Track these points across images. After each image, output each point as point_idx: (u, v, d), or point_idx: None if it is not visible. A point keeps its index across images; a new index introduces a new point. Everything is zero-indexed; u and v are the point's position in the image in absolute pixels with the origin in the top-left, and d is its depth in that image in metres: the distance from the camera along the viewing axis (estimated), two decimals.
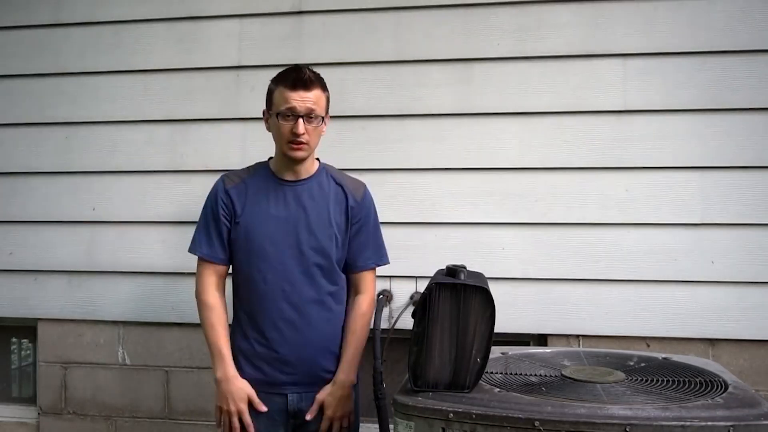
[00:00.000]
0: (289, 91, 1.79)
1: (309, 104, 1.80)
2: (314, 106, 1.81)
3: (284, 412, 1.88)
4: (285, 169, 1.90)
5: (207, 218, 1.93)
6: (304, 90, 1.79)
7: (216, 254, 1.91)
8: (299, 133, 1.79)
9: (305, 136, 1.81)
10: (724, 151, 2.32)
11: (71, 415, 2.68)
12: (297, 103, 1.79)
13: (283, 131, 1.81)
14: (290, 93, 1.79)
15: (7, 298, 2.70)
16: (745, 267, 2.30)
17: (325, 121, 1.89)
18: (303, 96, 1.79)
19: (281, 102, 1.81)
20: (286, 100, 1.80)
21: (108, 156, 2.65)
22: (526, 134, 2.42)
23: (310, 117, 1.81)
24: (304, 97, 1.79)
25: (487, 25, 2.44)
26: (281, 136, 1.83)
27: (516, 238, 2.42)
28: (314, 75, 1.84)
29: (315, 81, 1.83)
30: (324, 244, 1.89)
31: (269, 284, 1.87)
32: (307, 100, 1.80)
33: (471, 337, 1.52)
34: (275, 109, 1.83)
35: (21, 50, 2.70)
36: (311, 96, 1.80)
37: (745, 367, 2.30)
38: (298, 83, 1.79)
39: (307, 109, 1.80)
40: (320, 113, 1.84)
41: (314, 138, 1.86)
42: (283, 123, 1.81)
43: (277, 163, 1.92)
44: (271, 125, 1.88)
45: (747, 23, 2.31)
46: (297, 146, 1.82)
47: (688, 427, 1.32)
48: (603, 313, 2.37)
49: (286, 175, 1.91)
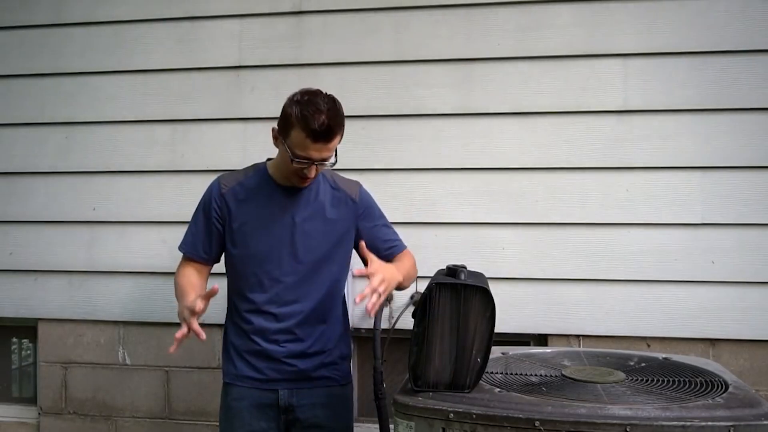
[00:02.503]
0: (310, 142, 1.72)
1: (325, 154, 1.76)
2: (330, 153, 1.78)
3: (275, 407, 1.88)
4: (284, 178, 1.90)
5: (197, 219, 1.93)
6: (324, 143, 1.73)
7: (198, 253, 1.92)
8: (310, 176, 1.79)
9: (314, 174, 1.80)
10: (724, 151, 2.32)
11: (71, 415, 2.68)
12: (315, 154, 1.74)
13: (294, 169, 1.79)
14: (310, 144, 1.72)
15: (7, 298, 2.70)
16: (745, 267, 2.30)
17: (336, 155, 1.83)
18: (322, 148, 1.74)
19: (298, 147, 1.74)
20: (303, 148, 1.73)
21: (108, 156, 2.65)
22: (526, 134, 2.42)
23: (323, 162, 1.78)
24: (323, 149, 1.74)
25: (487, 25, 2.44)
26: (289, 170, 1.81)
27: (516, 238, 2.42)
28: (336, 122, 1.74)
29: (336, 129, 1.75)
30: (320, 247, 1.88)
31: (265, 287, 1.87)
32: (325, 150, 1.75)
33: (471, 337, 1.52)
34: (290, 147, 1.75)
35: (21, 50, 2.70)
36: (330, 146, 1.76)
37: (745, 367, 2.30)
38: (320, 136, 1.71)
39: (323, 157, 1.76)
40: (332, 155, 1.80)
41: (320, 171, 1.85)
42: (297, 165, 1.77)
43: (276, 170, 1.90)
44: (280, 151, 1.83)
45: (747, 23, 2.31)
46: (304, 181, 1.83)
47: (689, 427, 1.32)
48: (603, 313, 2.37)
49: (284, 181, 1.91)
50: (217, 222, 1.90)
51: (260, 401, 1.87)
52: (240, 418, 1.87)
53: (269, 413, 1.88)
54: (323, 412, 1.89)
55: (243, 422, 1.87)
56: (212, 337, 2.55)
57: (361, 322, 2.43)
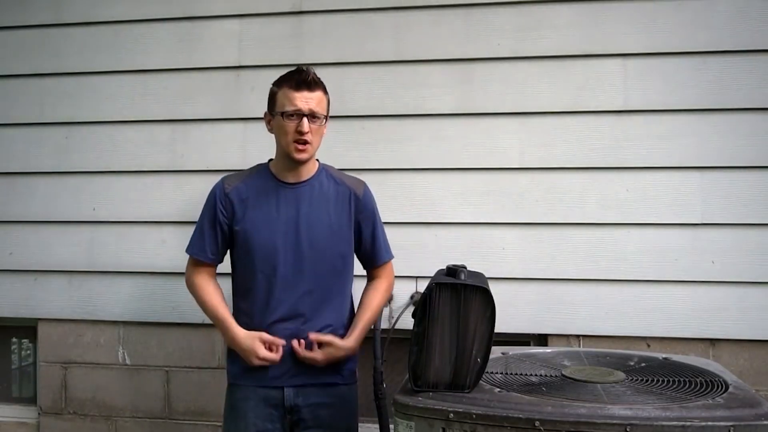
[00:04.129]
0: (294, 92, 1.83)
1: (312, 104, 1.84)
2: (317, 107, 1.85)
3: (281, 407, 1.88)
4: (286, 171, 1.92)
5: (203, 220, 1.95)
6: (307, 91, 1.84)
7: (206, 254, 1.94)
8: (304, 131, 1.83)
9: (309, 136, 1.84)
10: (724, 151, 2.32)
11: (71, 415, 2.68)
12: (301, 103, 1.83)
13: (288, 130, 1.84)
14: (294, 93, 1.83)
15: (7, 298, 2.70)
16: (745, 267, 2.30)
17: (325, 123, 1.92)
18: (307, 96, 1.84)
19: (285, 102, 1.84)
20: (290, 100, 1.83)
21: (108, 156, 2.65)
22: (526, 134, 2.42)
23: (313, 117, 1.85)
24: (308, 98, 1.84)
25: (487, 25, 2.44)
26: (286, 135, 1.85)
27: (516, 238, 2.42)
28: (317, 77, 1.88)
29: (318, 83, 1.88)
30: (326, 244, 1.89)
31: (271, 285, 1.87)
32: (311, 100, 1.84)
33: (471, 337, 1.52)
34: (279, 109, 1.86)
35: (21, 50, 2.70)
36: (314, 97, 1.85)
37: (745, 367, 2.30)
38: (302, 84, 1.84)
39: (311, 109, 1.84)
40: (322, 113, 1.88)
41: (316, 139, 1.89)
42: (288, 122, 1.84)
43: (278, 165, 1.93)
44: (274, 126, 1.90)
45: (747, 23, 2.31)
46: (302, 147, 1.85)
47: (689, 427, 1.32)
48: (603, 313, 2.37)
49: (287, 177, 1.92)
50: (224, 222, 1.91)
51: (266, 401, 1.87)
52: (245, 418, 1.87)
53: (274, 413, 1.88)
54: (328, 411, 1.90)
55: (248, 422, 1.87)
56: (212, 337, 2.55)
57: None
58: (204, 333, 2.56)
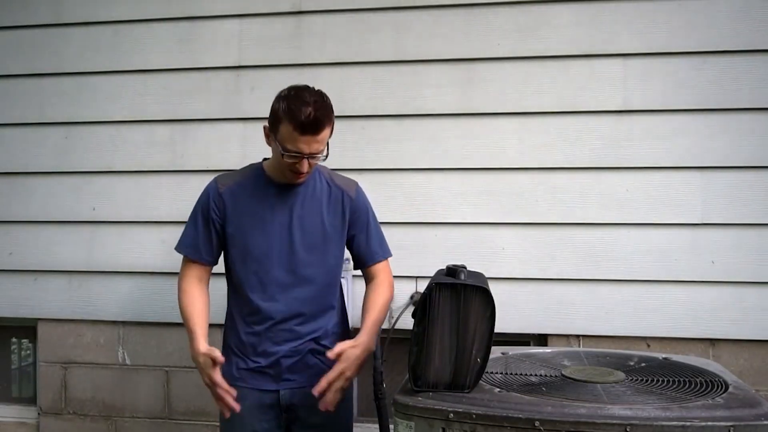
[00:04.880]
0: (299, 135, 1.72)
1: (315, 147, 1.76)
2: (320, 146, 1.77)
3: (276, 407, 1.88)
4: (279, 175, 1.90)
5: (196, 219, 1.92)
6: (312, 134, 1.73)
7: (200, 254, 1.90)
8: (302, 171, 1.78)
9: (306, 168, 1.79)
10: (724, 151, 2.32)
11: (71, 415, 2.68)
12: (304, 147, 1.74)
13: (286, 164, 1.78)
14: (299, 136, 1.72)
15: (7, 298, 2.70)
16: (745, 267, 2.30)
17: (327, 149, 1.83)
18: (311, 140, 1.74)
19: (287, 140, 1.74)
20: (293, 141, 1.74)
21: (108, 156, 2.65)
22: (526, 134, 2.42)
23: (314, 155, 1.78)
24: (312, 142, 1.74)
25: (487, 25, 2.44)
26: (282, 166, 1.81)
27: (516, 238, 2.42)
28: (323, 113, 1.74)
29: (323, 121, 1.74)
30: (319, 244, 1.89)
31: (264, 285, 1.87)
32: (314, 143, 1.75)
33: (471, 337, 1.52)
34: (280, 142, 1.76)
35: (21, 50, 2.70)
36: (319, 138, 1.75)
37: (745, 367, 2.30)
38: (308, 128, 1.71)
39: (313, 151, 1.76)
40: (323, 148, 1.79)
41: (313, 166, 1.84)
42: (287, 160, 1.77)
43: (272, 168, 1.90)
44: (273, 148, 1.84)
45: (747, 23, 2.31)
46: (299, 176, 1.81)
47: (689, 427, 1.32)
48: (603, 313, 2.37)
49: (280, 178, 1.91)
50: (216, 221, 1.90)
51: (262, 402, 1.87)
52: (241, 419, 1.87)
53: (270, 413, 1.88)
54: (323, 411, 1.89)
55: (244, 423, 1.87)
56: (212, 337, 2.54)
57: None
58: None
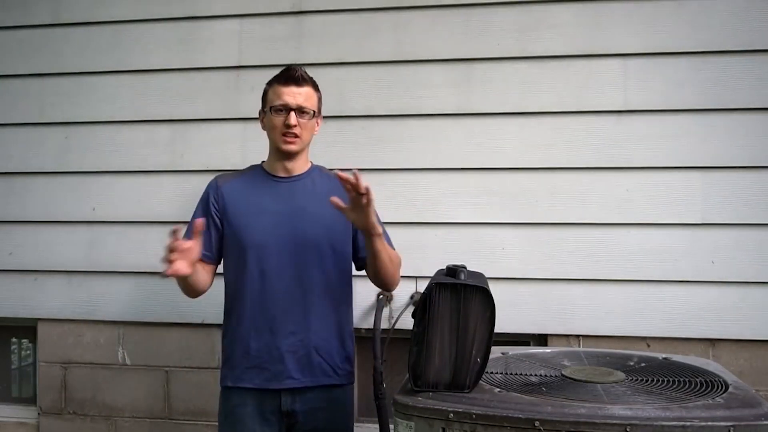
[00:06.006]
0: (282, 87, 1.89)
1: (300, 99, 1.88)
2: (305, 102, 1.89)
3: (278, 412, 1.88)
4: (278, 166, 1.95)
5: (196, 214, 1.96)
6: (295, 86, 1.89)
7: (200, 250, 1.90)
8: (291, 124, 1.87)
9: (297, 129, 1.88)
10: (724, 151, 2.32)
11: (71, 415, 2.67)
12: (289, 98, 1.87)
13: (276, 124, 1.89)
14: (282, 89, 1.88)
15: (7, 298, 2.70)
16: (745, 267, 2.30)
17: (318, 120, 1.96)
18: (295, 92, 1.88)
19: (274, 98, 1.89)
20: (278, 95, 1.89)
21: (108, 156, 2.65)
22: (526, 134, 2.42)
23: (301, 111, 1.88)
24: (296, 93, 1.88)
25: (487, 25, 2.44)
26: (274, 128, 1.90)
27: (516, 238, 2.42)
28: (306, 74, 1.93)
29: (306, 79, 1.92)
30: (321, 236, 1.89)
31: (266, 279, 1.86)
32: (298, 95, 1.88)
33: (471, 337, 1.52)
34: (269, 105, 1.91)
35: (21, 50, 2.70)
36: (302, 92, 1.89)
37: (745, 367, 2.30)
38: (290, 80, 1.89)
39: (299, 104, 1.88)
40: (311, 109, 1.91)
41: (306, 133, 1.92)
42: (276, 117, 1.88)
43: (271, 161, 1.97)
44: (266, 123, 1.94)
45: (747, 23, 2.31)
46: (290, 139, 1.89)
47: (689, 427, 1.32)
48: (603, 313, 2.36)
49: (280, 172, 1.95)
50: (216, 217, 1.92)
51: (262, 406, 1.87)
52: (242, 423, 1.87)
53: (271, 418, 1.88)
54: (324, 415, 1.89)
55: (245, 428, 1.86)
56: (212, 337, 2.55)
57: (361, 322, 2.43)
58: (204, 333, 2.56)
